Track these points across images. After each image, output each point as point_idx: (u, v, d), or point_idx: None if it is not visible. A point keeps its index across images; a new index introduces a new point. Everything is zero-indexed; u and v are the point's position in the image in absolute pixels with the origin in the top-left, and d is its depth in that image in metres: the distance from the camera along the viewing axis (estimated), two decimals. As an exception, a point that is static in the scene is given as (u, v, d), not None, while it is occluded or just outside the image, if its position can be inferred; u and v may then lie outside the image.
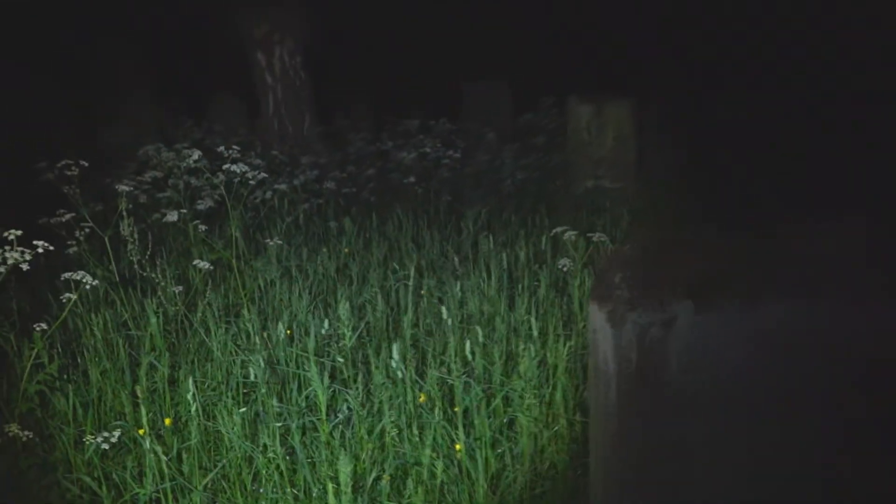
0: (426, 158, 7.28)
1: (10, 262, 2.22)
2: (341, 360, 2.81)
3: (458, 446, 2.54)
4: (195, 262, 3.50)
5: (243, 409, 2.50)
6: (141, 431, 2.44)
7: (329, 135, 8.78)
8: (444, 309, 3.01)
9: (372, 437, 2.52)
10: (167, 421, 2.59)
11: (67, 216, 3.47)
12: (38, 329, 2.50)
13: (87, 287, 2.53)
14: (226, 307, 3.68)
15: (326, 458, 2.46)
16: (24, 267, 2.24)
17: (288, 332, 3.19)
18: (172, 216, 3.84)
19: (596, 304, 1.76)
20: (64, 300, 2.57)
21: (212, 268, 3.56)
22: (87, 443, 2.35)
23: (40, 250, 2.32)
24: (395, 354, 2.55)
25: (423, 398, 2.88)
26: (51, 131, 6.42)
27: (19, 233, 2.31)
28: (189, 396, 2.39)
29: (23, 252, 2.25)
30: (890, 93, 5.63)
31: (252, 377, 2.60)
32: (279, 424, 2.40)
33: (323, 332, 2.88)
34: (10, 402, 2.49)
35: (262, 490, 2.50)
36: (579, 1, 9.64)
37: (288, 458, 2.58)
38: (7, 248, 2.24)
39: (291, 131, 8.71)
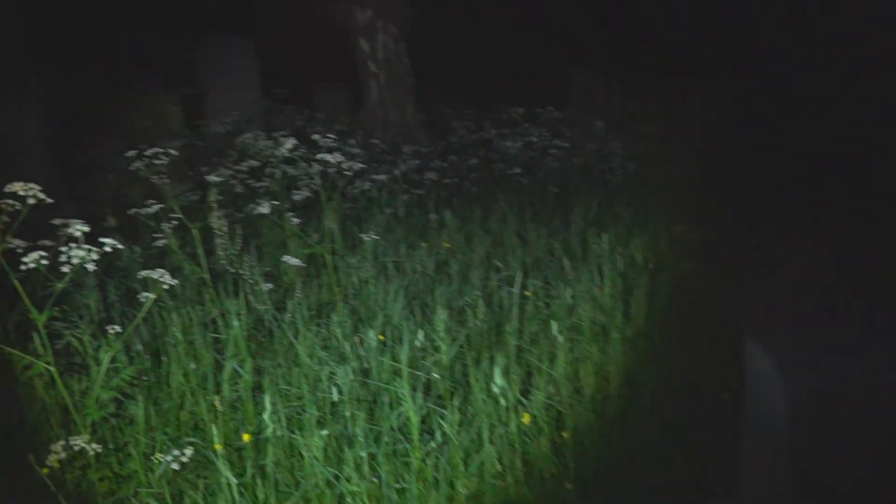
0: (532, 148, 6.92)
1: (74, 260, 2.03)
2: (437, 375, 2.52)
3: (568, 486, 2.20)
4: (285, 259, 3.29)
5: (325, 432, 2.23)
6: (217, 447, 2.22)
7: (431, 123, 8.53)
8: (554, 324, 2.65)
9: (469, 468, 2.21)
10: (245, 437, 2.36)
11: (156, 207, 3.32)
12: (111, 331, 2.32)
13: (166, 287, 2.33)
14: (317, 306, 3.45)
15: (418, 491, 2.16)
16: (90, 267, 2.05)
17: (380, 336, 2.91)
18: (264, 208, 3.65)
19: (761, 340, 1.38)
20: (143, 299, 2.38)
21: (303, 265, 3.34)
22: (156, 461, 2.15)
23: (108, 249, 2.13)
24: (498, 379, 2.22)
25: (526, 418, 2.54)
26: (156, 121, 6.44)
27: (86, 229, 2.13)
28: (266, 416, 2.15)
29: (90, 250, 2.07)
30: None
31: (336, 396, 2.33)
32: (364, 454, 2.12)
33: (417, 343, 2.59)
34: (83, 408, 2.33)
35: (346, 518, 2.23)
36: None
37: (376, 481, 2.30)
38: (73, 245, 2.07)
39: (394, 119, 8.53)
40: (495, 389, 2.25)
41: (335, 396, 2.32)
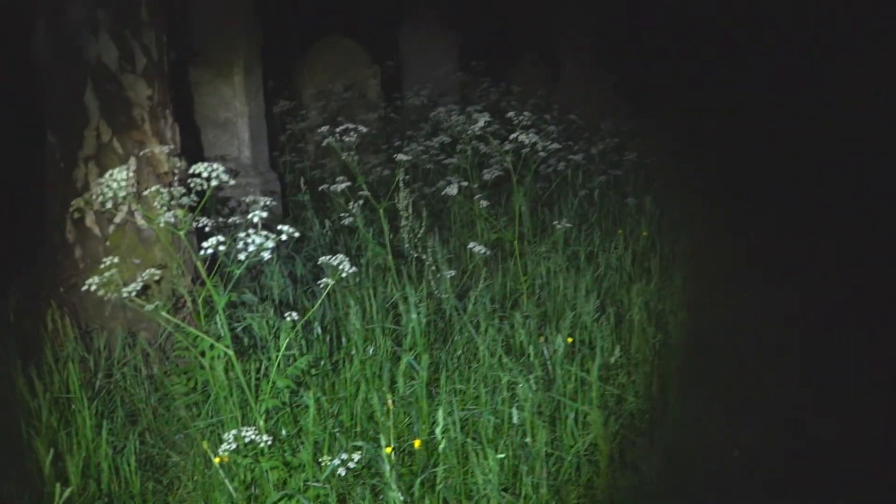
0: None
1: (251, 248, 1.96)
2: (631, 400, 2.21)
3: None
4: (471, 246, 3.10)
5: (502, 455, 2.02)
6: (388, 450, 2.07)
7: (633, 97, 8.00)
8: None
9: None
10: (416, 443, 2.21)
11: (344, 185, 3.25)
12: (288, 318, 2.25)
13: (343, 275, 2.22)
14: (502, 297, 3.24)
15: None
16: (266, 255, 1.97)
17: (569, 339, 2.64)
18: (452, 189, 3.48)
19: None
20: (321, 286, 2.29)
21: (489, 253, 3.14)
22: (324, 465, 2.05)
23: (283, 237, 2.03)
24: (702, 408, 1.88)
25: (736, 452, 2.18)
26: (358, 94, 6.50)
27: (264, 214, 2.05)
28: (438, 431, 1.97)
29: (267, 236, 1.98)
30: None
31: (516, 418, 2.10)
32: (544, 489, 1.87)
33: (612, 360, 2.29)
34: (258, 395, 2.29)
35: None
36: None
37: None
38: (252, 231, 1.99)
39: (594, 93, 8.10)
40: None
41: (515, 418, 2.10)
